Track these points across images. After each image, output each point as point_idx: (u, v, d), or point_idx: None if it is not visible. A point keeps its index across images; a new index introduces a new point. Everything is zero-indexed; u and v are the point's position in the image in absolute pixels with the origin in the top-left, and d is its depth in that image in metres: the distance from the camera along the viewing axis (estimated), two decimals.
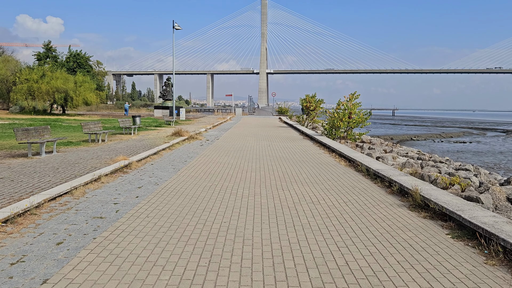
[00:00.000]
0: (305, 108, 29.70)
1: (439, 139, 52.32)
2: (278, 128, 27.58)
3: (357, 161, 10.43)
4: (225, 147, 15.33)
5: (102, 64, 79.48)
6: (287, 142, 17.88)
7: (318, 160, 11.97)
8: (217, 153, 13.27)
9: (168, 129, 23.11)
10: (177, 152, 13.37)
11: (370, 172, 9.22)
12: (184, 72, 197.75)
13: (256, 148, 15.13)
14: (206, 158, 12.12)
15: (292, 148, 15.35)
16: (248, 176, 9.12)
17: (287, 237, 4.96)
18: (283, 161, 11.74)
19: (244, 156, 12.73)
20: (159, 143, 15.36)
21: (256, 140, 18.28)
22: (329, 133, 19.46)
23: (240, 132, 23.68)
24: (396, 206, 6.57)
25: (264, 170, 9.99)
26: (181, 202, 6.63)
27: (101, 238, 4.76)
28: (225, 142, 17.41)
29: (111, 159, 10.60)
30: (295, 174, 9.49)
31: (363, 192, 7.64)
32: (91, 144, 14.83)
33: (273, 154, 13.24)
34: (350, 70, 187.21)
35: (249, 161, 11.63)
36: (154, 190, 7.44)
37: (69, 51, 52.79)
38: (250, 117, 48.57)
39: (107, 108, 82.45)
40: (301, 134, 23.01)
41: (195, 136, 18.80)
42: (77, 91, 43.77)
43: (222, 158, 12.06)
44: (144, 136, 18.60)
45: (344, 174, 9.66)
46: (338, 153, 12.88)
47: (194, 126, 27.89)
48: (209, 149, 14.55)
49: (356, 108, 19.29)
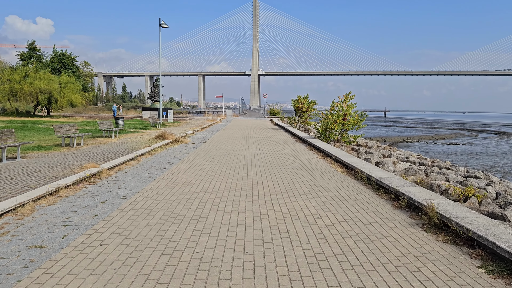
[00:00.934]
0: (297, 109, 28.64)
1: (432, 141, 51.77)
2: (269, 130, 26.48)
3: (355, 168, 9.34)
4: (212, 151, 14.17)
5: (90, 65, 77.89)
6: (278, 145, 16.77)
7: (312, 166, 10.86)
8: (201, 158, 12.09)
9: (154, 132, 21.87)
10: (157, 157, 12.17)
11: (371, 181, 8.13)
12: (176, 73, 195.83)
13: (245, 152, 13.99)
14: (188, 164, 10.94)
15: (284, 152, 14.24)
16: (234, 187, 7.97)
17: (276, 275, 3.81)
18: (274, 167, 10.61)
19: (231, 161, 11.57)
20: (139, 147, 14.14)
21: (245, 143, 17.14)
22: (323, 135, 18.38)
23: (229, 134, 22.52)
24: (408, 226, 5.47)
25: (252, 179, 8.85)
26: (148, 222, 5.45)
27: (27, 281, 3.57)
28: (212, 145, 16.24)
29: (79, 167, 9.38)
30: (287, 184, 8.36)
31: (366, 206, 6.54)
32: (64, 148, 13.56)
33: (263, 159, 12.11)
34: (342, 72, 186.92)
35: (236, 167, 10.48)
36: (120, 206, 6.26)
37: (54, 51, 51.15)
38: (241, 119, 47.43)
39: (97, 110, 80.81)
40: (293, 136, 21.93)
41: (180, 139, 17.60)
42: (62, 92, 42.21)
43: (206, 164, 10.89)
44: (125, 139, 17.35)
45: (341, 183, 8.56)
46: (334, 158, 11.80)
47: (181, 128, 26.67)
48: (193, 153, 13.37)
49: (351, 109, 18.25)
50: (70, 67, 49.90)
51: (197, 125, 30.05)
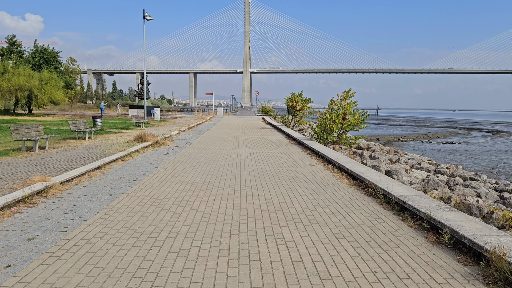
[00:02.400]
0: (291, 108, 26.90)
1: (427, 139, 50.54)
2: (261, 130, 24.74)
3: (367, 181, 7.64)
4: (196, 156, 12.38)
5: (76, 61, 75.58)
6: (271, 148, 15.03)
7: (312, 176, 9.14)
8: (182, 166, 10.30)
9: (135, 132, 19.97)
10: (130, 165, 10.35)
11: (391, 200, 6.43)
12: (167, 71, 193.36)
13: (233, 157, 12.23)
14: (165, 174, 9.14)
15: (278, 157, 12.51)
16: (216, 209, 6.21)
17: None
18: (267, 178, 8.87)
19: (217, 170, 9.80)
20: (112, 151, 12.30)
21: (234, 146, 15.37)
22: (320, 137, 16.69)
23: (218, 135, 20.73)
24: (463, 280, 3.77)
25: (241, 196, 7.09)
26: (82, 279, 3.66)
27: None
28: (197, 148, 14.45)
29: (25, 181, 7.53)
30: (285, 204, 6.62)
31: (392, 241, 4.83)
32: (23, 154, 11.65)
33: (254, 167, 10.36)
34: (333, 69, 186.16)
35: (222, 179, 8.71)
36: (51, 247, 4.45)
37: (35, 45, 48.67)
38: (232, 117, 45.58)
39: (85, 108, 78.38)
40: (287, 137, 20.20)
41: (162, 141, 15.77)
42: (43, 89, 39.93)
43: (186, 175, 9.10)
44: (100, 142, 15.47)
45: (352, 201, 6.85)
46: (337, 166, 10.08)
47: (167, 128, 24.79)
48: (174, 159, 11.57)
49: (352, 108, 16.59)
50: (52, 63, 47.49)
51: (184, 125, 28.19)
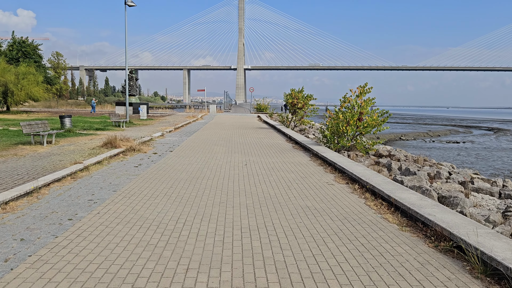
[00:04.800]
0: (291, 105, 23.97)
1: (429, 138, 47.98)
2: (257, 130, 21.83)
3: (434, 226, 4.77)
4: (175, 169, 9.44)
5: (63, 56, 72.10)
6: (272, 155, 12.13)
7: (338, 207, 6.24)
8: (151, 189, 7.36)
9: (113, 134, 16.95)
10: (80, 187, 7.39)
11: (487, 269, 3.57)
12: (160, 67, 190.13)
13: (224, 171, 9.31)
14: (120, 206, 6.19)
15: (283, 169, 9.60)
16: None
17: None
18: (273, 211, 5.96)
19: (199, 196, 6.87)
20: (65, 164, 9.33)
21: (227, 152, 12.45)
22: (331, 141, 13.80)
23: (208, 137, 17.78)
24: None
25: (233, 260, 4.17)
26: None
27: None
28: (180, 157, 11.51)
29: None
30: (312, 280, 3.71)
31: None
32: None
33: (252, 189, 7.44)
34: (328, 66, 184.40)
35: (205, 215, 5.79)
36: None
37: (13, 37, 45.27)
38: (226, 115, 42.57)
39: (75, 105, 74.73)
40: (288, 140, 17.31)
41: (138, 147, 12.79)
42: (19, 85, 36.66)
43: (152, 206, 6.16)
44: (61, 148, 12.47)
45: (423, 268, 3.96)
46: (368, 188, 7.19)
47: (151, 128, 21.77)
48: (144, 175, 8.63)
49: (369, 107, 13.72)
50: (31, 56, 44.13)
51: (172, 124, 25.18)
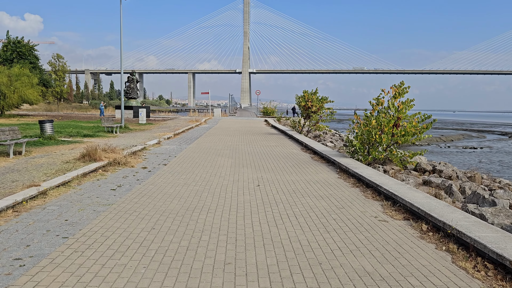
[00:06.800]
0: (304, 109, 21.47)
1: (443, 143, 45.16)
2: (267, 137, 19.35)
3: None
4: (164, 194, 6.98)
5: (64, 58, 69.96)
6: (290, 170, 9.63)
7: (411, 268, 3.73)
8: (120, 235, 4.90)
9: (99, 142, 14.56)
10: (14, 229, 4.94)
11: None
12: (165, 71, 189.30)
13: (230, 197, 6.82)
14: (61, 272, 3.73)
15: (308, 194, 7.10)
16: None
17: None
18: (313, 281, 3.48)
19: (193, 249, 4.38)
20: (17, 186, 6.91)
21: (233, 167, 9.98)
22: (360, 152, 11.29)
23: (211, 145, 15.32)
24: None
25: None
26: None
27: None
28: (174, 173, 9.05)
29: None
30: None
31: None
32: None
33: (273, 231, 4.93)
34: (333, 70, 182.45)
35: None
36: None
37: (7, 37, 43.17)
38: (231, 119, 40.08)
39: (78, 108, 72.52)
40: (304, 149, 14.81)
41: (125, 160, 10.34)
42: (12, 87, 34.47)
43: (113, 276, 3.71)
44: (29, 161, 10.06)
45: None
46: (453, 236, 4.69)
47: (147, 134, 19.36)
48: (120, 205, 6.17)
49: (408, 111, 11.22)
50: (27, 57, 42.01)
51: (172, 129, 22.77)
